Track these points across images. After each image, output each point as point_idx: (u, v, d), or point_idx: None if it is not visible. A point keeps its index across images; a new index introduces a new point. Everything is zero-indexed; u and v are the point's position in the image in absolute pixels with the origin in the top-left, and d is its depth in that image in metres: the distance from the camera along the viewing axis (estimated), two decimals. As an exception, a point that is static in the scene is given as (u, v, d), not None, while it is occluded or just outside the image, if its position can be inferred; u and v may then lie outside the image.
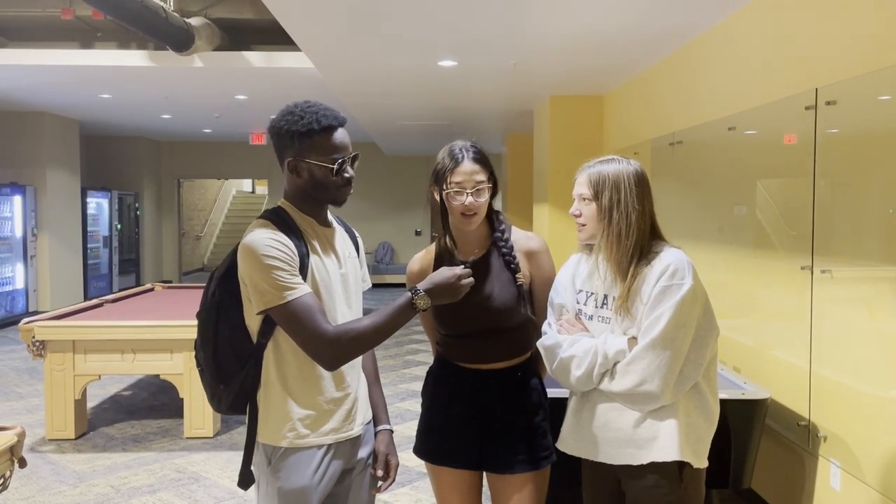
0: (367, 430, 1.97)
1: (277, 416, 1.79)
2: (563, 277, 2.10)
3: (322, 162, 1.78)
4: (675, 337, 1.83)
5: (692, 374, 1.87)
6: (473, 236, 2.11)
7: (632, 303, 1.90)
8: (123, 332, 4.65)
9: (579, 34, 4.62)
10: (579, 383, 1.96)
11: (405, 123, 9.39)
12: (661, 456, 1.87)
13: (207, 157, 14.02)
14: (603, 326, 1.98)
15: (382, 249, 14.12)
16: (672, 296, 1.84)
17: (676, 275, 1.86)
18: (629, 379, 1.87)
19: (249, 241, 1.73)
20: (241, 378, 1.81)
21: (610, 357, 1.90)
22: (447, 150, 2.06)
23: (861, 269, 2.76)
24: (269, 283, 1.69)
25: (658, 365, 1.83)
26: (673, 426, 1.87)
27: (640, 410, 1.90)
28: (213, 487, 4.02)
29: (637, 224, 1.92)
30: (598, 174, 1.97)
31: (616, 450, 1.93)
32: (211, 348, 1.83)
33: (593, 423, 1.97)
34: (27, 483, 4.05)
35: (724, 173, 4.01)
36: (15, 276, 9.64)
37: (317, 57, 5.49)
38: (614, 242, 1.92)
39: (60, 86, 8.06)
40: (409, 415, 5.41)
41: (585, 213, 2.00)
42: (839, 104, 2.86)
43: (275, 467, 1.79)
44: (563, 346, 1.98)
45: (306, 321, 1.70)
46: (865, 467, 2.70)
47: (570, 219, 2.13)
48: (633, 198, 1.93)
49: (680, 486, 1.89)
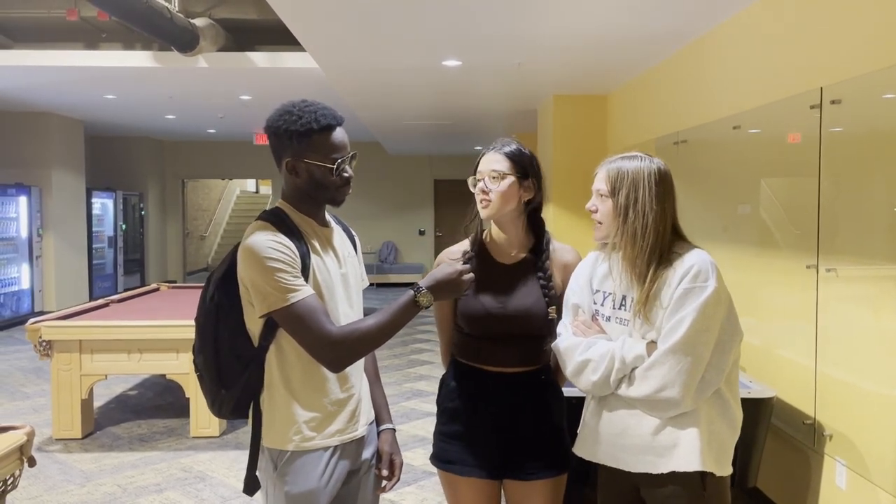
0: (371, 431, 1.97)
1: (282, 420, 1.77)
2: (580, 277, 2.03)
3: (321, 162, 1.77)
4: (698, 342, 1.76)
5: (714, 379, 1.80)
6: (514, 238, 2.11)
7: (651, 307, 1.83)
8: (129, 332, 4.67)
9: (583, 33, 4.62)
10: (596, 388, 1.90)
11: (409, 123, 9.40)
12: (682, 465, 1.79)
13: (211, 157, 14.04)
14: (621, 328, 1.91)
15: (386, 249, 14.13)
16: (694, 299, 1.76)
17: (699, 277, 1.78)
18: (648, 384, 1.80)
19: (250, 244, 1.70)
20: (243, 382, 1.79)
21: (628, 362, 1.83)
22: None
23: (866, 267, 2.76)
24: (272, 285, 1.67)
25: (679, 370, 1.75)
26: (694, 434, 1.79)
27: (660, 417, 1.82)
28: (220, 486, 4.03)
29: (655, 225, 1.83)
30: (617, 170, 1.89)
31: (635, 457, 1.86)
32: (211, 353, 1.81)
33: (611, 428, 1.90)
34: (35, 482, 4.07)
35: (728, 172, 4.01)
36: (20, 276, 9.68)
37: (321, 57, 5.50)
38: (629, 242, 1.85)
39: (65, 86, 8.09)
40: (415, 414, 5.42)
41: (601, 210, 1.93)
42: (844, 103, 2.86)
43: (281, 472, 1.77)
44: (579, 350, 1.91)
45: (310, 323, 1.69)
46: (871, 466, 2.70)
47: (573, 218, 2.13)
48: (651, 197, 1.83)
49: (703, 495, 1.82)
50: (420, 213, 14.42)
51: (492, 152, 2.06)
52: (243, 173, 15.29)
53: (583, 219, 6.84)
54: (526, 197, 2.06)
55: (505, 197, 2.02)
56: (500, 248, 2.12)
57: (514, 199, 2.04)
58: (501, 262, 2.11)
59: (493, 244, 2.13)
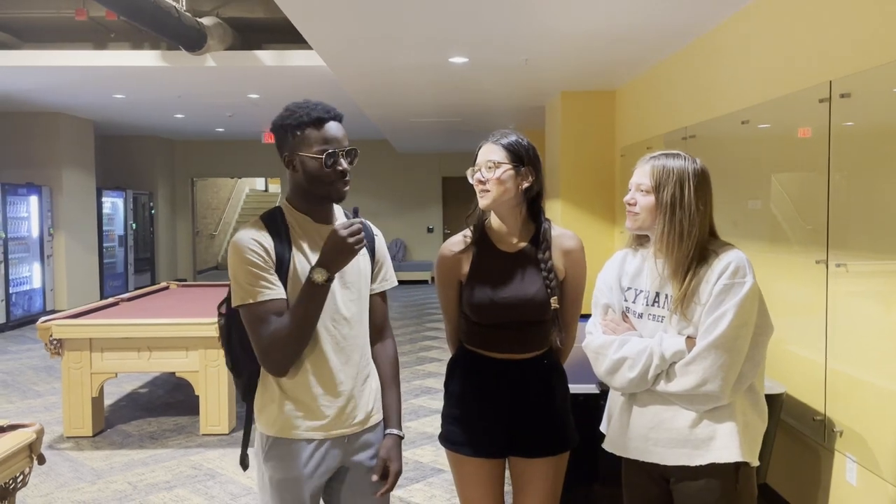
0: (377, 433, 1.98)
1: (270, 407, 1.86)
2: (609, 277, 2.06)
3: (312, 154, 1.80)
4: (738, 336, 1.80)
5: (750, 373, 1.85)
6: (514, 227, 2.14)
7: (688, 303, 1.87)
8: (139, 330, 4.69)
9: (590, 29, 4.61)
10: (632, 385, 1.92)
11: (417, 120, 9.40)
12: (722, 457, 1.84)
13: (221, 155, 14.09)
14: (654, 325, 1.94)
15: (395, 246, 14.14)
16: (735, 294, 1.81)
17: (738, 273, 1.83)
18: (689, 379, 1.83)
19: (234, 240, 1.82)
20: (249, 371, 1.92)
21: (668, 358, 1.87)
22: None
23: (877, 262, 2.74)
24: (244, 280, 1.77)
25: (720, 365, 1.80)
26: (731, 427, 1.84)
27: (697, 411, 1.86)
28: (229, 483, 4.05)
29: (700, 224, 1.88)
30: (662, 167, 1.93)
31: (671, 450, 1.89)
32: (226, 343, 1.94)
33: (644, 423, 1.93)
34: (46, 480, 4.10)
35: (738, 167, 3.99)
36: (32, 275, 9.74)
37: (328, 55, 5.50)
38: (676, 240, 1.88)
39: (75, 86, 8.13)
40: (423, 411, 5.43)
41: (641, 203, 1.95)
42: (853, 97, 2.84)
43: (267, 455, 1.87)
44: (613, 348, 1.94)
45: (256, 328, 1.77)
46: (882, 462, 2.68)
47: (582, 214, 2.14)
48: (695, 196, 1.89)
49: (735, 487, 1.87)
50: (429, 211, 14.43)
51: (489, 143, 2.11)
52: (252, 172, 15.34)
53: (591, 214, 6.86)
54: (523, 185, 2.09)
55: (501, 186, 2.06)
56: (501, 237, 2.16)
57: (511, 188, 2.07)
58: (503, 250, 2.14)
59: (494, 233, 2.17)
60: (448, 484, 3.95)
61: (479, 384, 2.15)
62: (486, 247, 2.14)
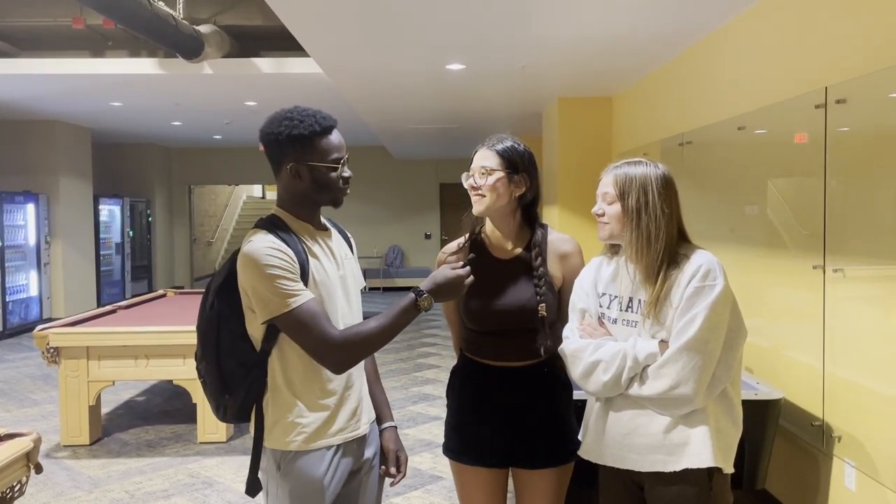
0: (373, 430, 1.99)
1: (286, 421, 1.80)
2: (585, 282, 2.07)
3: (325, 163, 1.80)
4: (709, 339, 1.81)
5: (724, 376, 1.85)
6: (509, 234, 2.14)
7: (661, 307, 1.88)
8: (137, 338, 4.68)
9: (587, 36, 4.62)
10: (606, 389, 1.92)
11: (414, 127, 9.41)
12: (695, 462, 1.84)
13: (218, 163, 14.08)
14: (628, 330, 1.95)
15: (392, 253, 14.13)
16: (705, 297, 1.82)
17: (709, 276, 1.83)
18: (662, 382, 1.84)
19: (249, 251, 1.74)
20: (247, 386, 1.81)
21: (640, 361, 1.87)
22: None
23: (874, 267, 2.75)
24: (273, 291, 1.70)
25: (692, 367, 1.80)
26: (704, 432, 1.84)
27: (672, 415, 1.86)
28: (227, 492, 4.04)
29: (666, 228, 1.89)
30: (624, 175, 1.94)
31: (644, 456, 1.89)
32: (213, 359, 1.84)
33: (619, 429, 1.93)
34: (43, 489, 4.08)
35: (734, 173, 4.00)
36: (29, 283, 9.72)
37: (326, 62, 5.51)
38: (644, 246, 1.89)
39: (72, 94, 8.13)
40: (421, 418, 5.42)
41: (609, 213, 1.96)
42: (849, 102, 2.85)
43: (285, 471, 1.79)
44: (588, 351, 1.95)
45: (312, 327, 1.72)
46: (881, 467, 2.68)
47: (579, 220, 2.15)
48: (660, 201, 1.90)
49: (710, 493, 1.87)
50: (426, 217, 14.43)
51: (484, 148, 2.10)
52: (250, 179, 15.33)
53: (589, 220, 6.84)
54: (517, 192, 2.08)
55: (494, 192, 2.05)
56: (496, 244, 2.15)
57: (504, 195, 2.07)
58: (498, 257, 2.14)
59: (489, 240, 2.16)
60: (446, 491, 3.94)
61: (478, 392, 2.15)
62: (480, 254, 2.13)
